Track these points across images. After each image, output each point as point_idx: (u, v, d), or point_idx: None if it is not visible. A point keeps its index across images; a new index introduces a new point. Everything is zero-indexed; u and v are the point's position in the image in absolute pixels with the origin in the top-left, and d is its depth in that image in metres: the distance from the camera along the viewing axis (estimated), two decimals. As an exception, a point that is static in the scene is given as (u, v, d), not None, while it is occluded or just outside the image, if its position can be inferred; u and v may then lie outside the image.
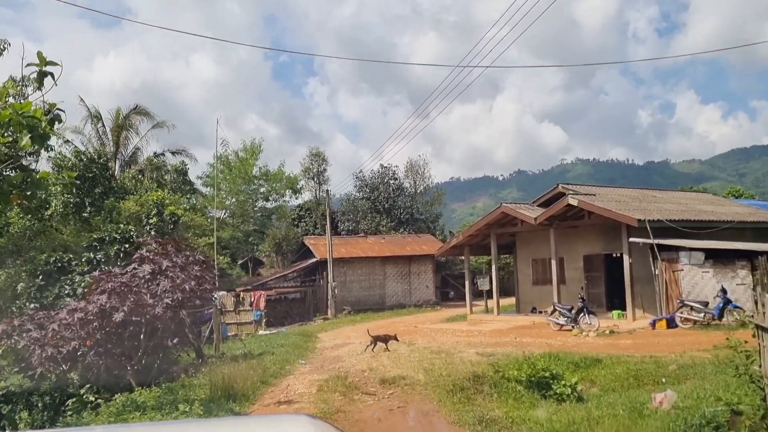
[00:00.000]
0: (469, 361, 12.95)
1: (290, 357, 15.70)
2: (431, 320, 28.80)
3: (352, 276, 36.92)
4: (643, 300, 22.06)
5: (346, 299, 36.37)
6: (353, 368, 13.22)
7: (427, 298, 38.39)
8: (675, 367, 10.04)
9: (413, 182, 49.68)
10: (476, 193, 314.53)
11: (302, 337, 22.23)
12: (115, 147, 37.97)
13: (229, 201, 40.40)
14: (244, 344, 19.89)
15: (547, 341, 17.33)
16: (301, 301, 34.79)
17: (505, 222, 26.14)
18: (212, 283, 14.27)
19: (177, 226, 22.09)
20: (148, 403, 9.70)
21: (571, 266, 24.56)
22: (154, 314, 12.59)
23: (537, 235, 25.85)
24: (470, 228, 26.32)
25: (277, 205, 42.14)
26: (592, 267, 24.28)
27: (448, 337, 20.32)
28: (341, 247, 37.82)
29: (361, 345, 19.06)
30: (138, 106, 38.58)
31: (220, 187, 39.78)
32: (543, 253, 25.90)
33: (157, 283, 13.16)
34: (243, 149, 40.59)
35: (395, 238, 41.42)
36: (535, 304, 26.22)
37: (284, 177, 40.94)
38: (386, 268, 37.76)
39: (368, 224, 45.37)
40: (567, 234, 24.37)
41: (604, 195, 24.48)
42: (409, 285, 38.13)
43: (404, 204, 47.36)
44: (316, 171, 48.60)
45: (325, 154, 48.86)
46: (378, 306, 36.73)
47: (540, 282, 26.25)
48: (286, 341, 20.68)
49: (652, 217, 20.52)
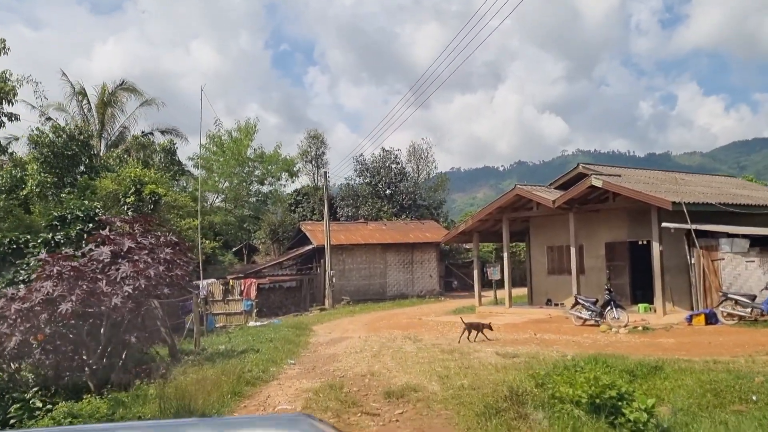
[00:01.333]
0: (490, 364, 10.78)
1: (278, 355, 13.53)
2: (436, 312, 26.65)
3: (351, 264, 34.76)
4: (672, 292, 19.92)
5: (345, 288, 34.23)
6: (351, 372, 11.07)
7: (431, 288, 36.25)
8: (762, 379, 7.90)
9: (416, 167, 47.43)
10: (477, 184, 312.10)
11: (295, 329, 20.08)
12: (101, 125, 35.69)
13: (222, 184, 38.17)
14: (230, 338, 17.74)
15: (573, 339, 15.17)
16: (297, 290, 32.66)
17: (518, 206, 23.93)
18: (185, 269, 12.07)
19: (158, 207, 19.91)
20: (87, 416, 7.57)
21: (592, 254, 22.38)
22: (111, 305, 10.40)
23: (553, 220, 23.66)
24: (480, 212, 24.13)
25: (273, 189, 39.86)
26: (615, 255, 22.10)
27: (456, 331, 18.15)
28: (340, 234, 35.63)
29: (361, 340, 16.95)
30: (125, 82, 36.27)
31: (212, 168, 37.54)
32: (560, 240, 23.72)
33: (117, 268, 10.97)
34: (237, 129, 38.30)
35: (397, 225, 39.22)
36: (550, 295, 24.07)
37: (280, 159, 38.67)
38: (387, 256, 35.60)
39: (369, 210, 43.18)
40: (587, 219, 22.17)
41: (629, 176, 22.26)
42: (411, 274, 35.98)
43: (406, 189, 45.12)
44: (315, 154, 46.34)
45: (323, 137, 46.59)
46: (378, 296, 34.60)
47: (556, 271, 24.08)
48: (276, 334, 18.53)
49: (688, 200, 18.30)
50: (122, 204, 19.62)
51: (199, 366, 11.71)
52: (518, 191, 22.49)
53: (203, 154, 38.00)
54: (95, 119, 35.81)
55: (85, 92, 35.75)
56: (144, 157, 32.27)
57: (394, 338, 17.00)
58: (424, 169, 47.28)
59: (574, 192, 20.61)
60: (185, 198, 22.11)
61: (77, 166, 28.90)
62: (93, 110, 35.89)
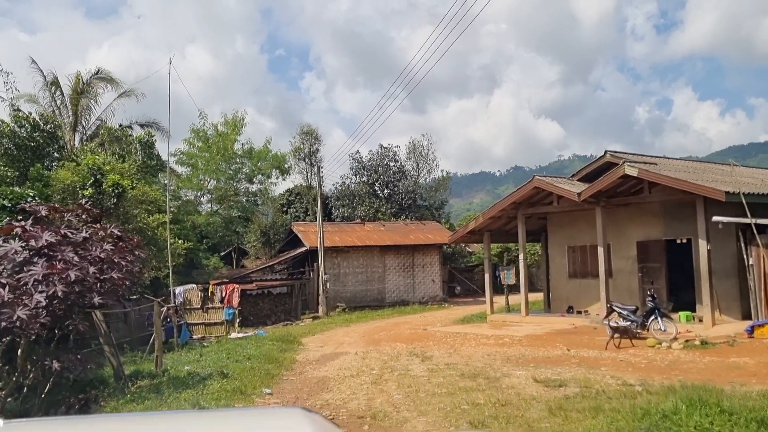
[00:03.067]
0: (533, 398, 7.98)
1: (251, 381, 10.64)
2: (442, 321, 23.84)
3: (347, 268, 31.91)
4: (719, 298, 17.15)
5: (340, 294, 31.38)
6: (344, 409, 8.22)
7: (433, 294, 33.41)
8: None
9: (416, 165, 44.57)
10: (473, 189, 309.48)
11: (281, 343, 17.23)
12: (74, 117, 32.82)
13: (208, 183, 35.32)
14: (201, 354, 14.87)
15: (620, 357, 12.35)
16: (288, 297, 29.79)
17: (535, 201, 21.15)
18: (128, 271, 9.21)
19: (122, 200, 17.09)
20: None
21: (621, 255, 19.59)
22: (15, 319, 7.57)
23: (575, 216, 20.89)
24: (493, 208, 21.34)
25: (263, 188, 36.99)
26: (649, 256, 19.31)
27: (472, 345, 15.35)
28: (334, 235, 32.79)
29: (358, 357, 14.12)
30: (100, 71, 33.41)
31: (197, 165, 34.69)
32: (583, 239, 20.94)
33: (29, 270, 8.13)
34: (223, 123, 35.45)
35: (396, 226, 36.38)
36: (571, 301, 21.27)
37: (270, 155, 35.81)
38: (386, 259, 32.76)
39: (366, 210, 40.33)
40: (615, 214, 19.41)
41: (665, 165, 19.49)
42: (412, 279, 33.13)
43: (406, 189, 42.29)
44: (308, 151, 43.45)
45: (317, 133, 43.72)
46: (376, 303, 31.75)
47: (578, 274, 21.29)
48: (258, 350, 15.67)
49: (746, 190, 15.53)
50: (80, 197, 16.84)
51: (140, 400, 8.84)
52: (537, 183, 19.69)
53: (188, 150, 35.16)
54: (69, 111, 32.98)
55: (58, 82, 32.90)
56: (119, 150, 29.39)
57: (397, 354, 14.18)
58: (425, 168, 44.46)
59: (603, 183, 17.82)
60: (156, 192, 19.28)
61: (43, 158, 26.04)
62: (67, 102, 33.08)
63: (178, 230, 27.04)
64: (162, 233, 17.41)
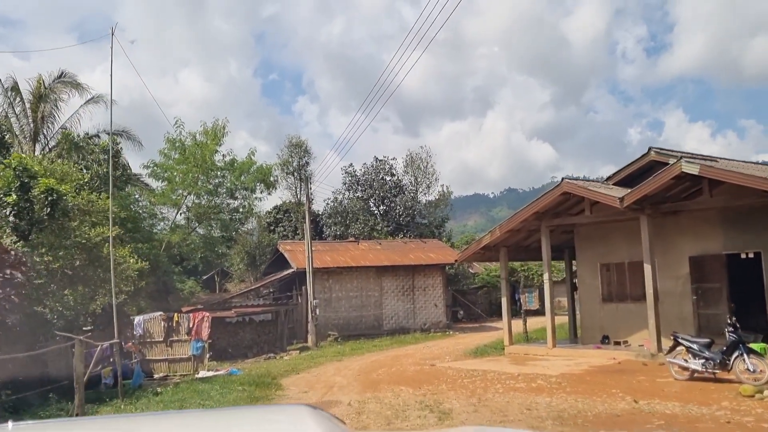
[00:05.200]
0: None
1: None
2: (450, 353, 20.34)
3: (340, 291, 28.40)
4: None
5: (332, 321, 27.83)
6: None
7: (436, 320, 29.89)
8: None
9: (414, 179, 41.24)
10: (467, 211, 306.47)
11: (255, 387, 13.69)
12: (34, 125, 29.46)
13: (184, 197, 31.82)
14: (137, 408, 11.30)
15: (715, 413, 8.88)
16: (273, 325, 26.18)
17: (561, 210, 17.82)
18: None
19: (56, 210, 13.64)
20: None
21: (667, 274, 16.17)
22: None
23: (610, 229, 17.57)
24: (512, 219, 17.95)
25: (246, 204, 33.46)
26: (705, 274, 15.93)
27: (500, 391, 11.87)
28: (325, 255, 29.33)
29: (352, 410, 10.66)
30: (64, 73, 30.14)
31: (173, 179, 31.24)
32: (620, 255, 17.59)
33: None
34: (203, 132, 32.14)
35: (394, 244, 32.92)
36: (606, 330, 17.82)
37: (254, 168, 32.43)
38: (383, 281, 29.28)
39: (360, 228, 36.91)
40: (661, 225, 16.07)
41: (725, 164, 16.16)
42: (412, 303, 29.62)
43: (404, 204, 38.93)
44: (297, 165, 40.09)
45: (307, 145, 40.41)
46: (373, 331, 28.20)
47: (615, 298, 17.87)
48: (224, 398, 12.16)
49: None
50: (4, 205, 13.39)
51: None
52: (566, 187, 16.32)
53: (163, 162, 31.69)
54: (29, 119, 29.60)
55: (17, 87, 29.55)
56: (80, 160, 25.97)
57: (403, 407, 10.68)
58: (424, 182, 41.10)
59: (652, 185, 14.48)
60: (104, 202, 15.80)
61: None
62: (27, 109, 29.71)
63: (145, 249, 23.48)
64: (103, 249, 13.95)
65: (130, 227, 25.40)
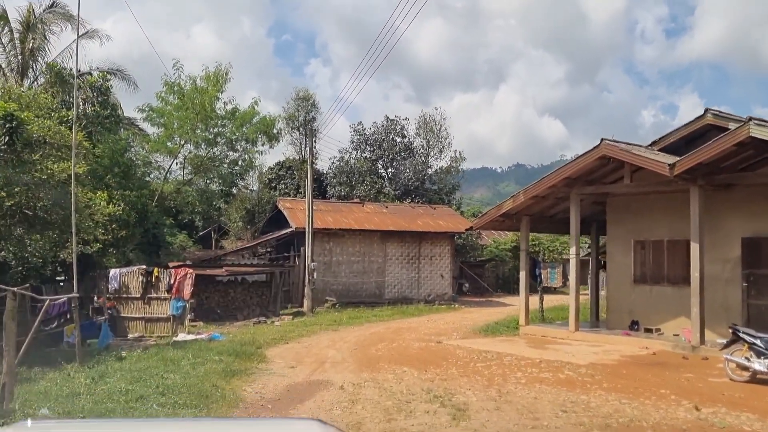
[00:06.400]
0: None
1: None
2: (457, 329, 18.47)
3: (340, 255, 26.48)
4: None
5: (330, 287, 26.00)
6: None
7: (441, 292, 28.00)
8: None
9: (426, 143, 38.91)
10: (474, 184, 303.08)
11: (235, 357, 11.83)
12: (22, 58, 27.28)
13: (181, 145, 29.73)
14: (98, 378, 9.40)
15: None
16: (267, 286, 24.35)
17: (595, 177, 15.72)
18: None
19: (16, 139, 11.65)
20: None
21: (714, 256, 14.06)
22: None
23: (650, 201, 15.50)
24: (538, 184, 15.84)
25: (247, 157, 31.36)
26: (759, 259, 13.86)
27: (522, 382, 9.96)
28: (327, 215, 27.35)
29: (345, 395, 8.80)
30: (56, 3, 27.79)
31: (171, 125, 29.12)
32: (658, 232, 15.54)
33: None
34: (204, 77, 29.90)
35: (402, 208, 30.91)
36: (636, 315, 15.84)
37: (257, 118, 30.25)
38: (388, 247, 27.33)
39: (366, 190, 34.83)
40: (710, 201, 13.93)
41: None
42: (417, 272, 27.70)
43: (414, 168, 36.76)
44: (303, 120, 37.82)
45: (315, 99, 38.09)
46: (374, 299, 26.36)
47: (649, 279, 15.86)
48: (195, 370, 10.28)
49: None
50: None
51: None
52: (605, 150, 14.15)
53: (160, 107, 29.51)
54: (17, 50, 27.40)
55: (6, 16, 27.27)
56: (66, 95, 23.85)
57: (407, 395, 8.78)
58: (437, 146, 38.76)
59: (710, 151, 12.31)
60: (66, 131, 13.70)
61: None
62: (16, 40, 27.48)
63: (132, 197, 21.48)
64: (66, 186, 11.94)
65: (117, 172, 23.46)
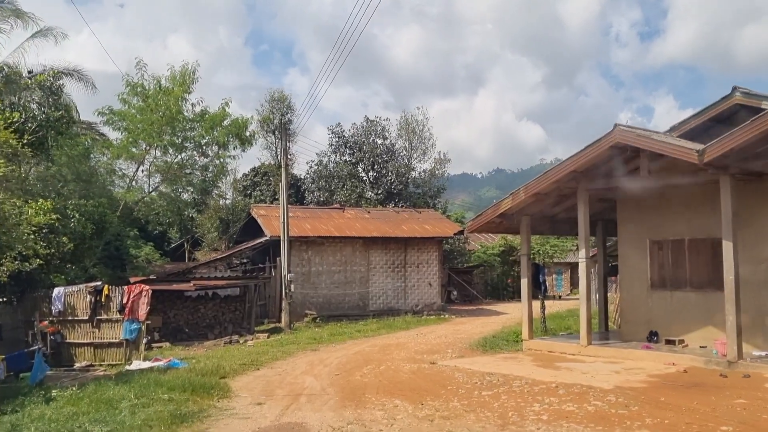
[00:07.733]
0: None
1: None
2: (451, 344, 16.53)
3: (320, 265, 24.45)
4: None
5: (310, 299, 23.96)
6: None
7: (430, 301, 26.07)
8: None
9: (409, 144, 37.04)
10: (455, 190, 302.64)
11: (191, 393, 9.73)
12: (-36, 58, 24.93)
13: (147, 151, 27.49)
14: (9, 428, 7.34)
15: None
16: (241, 301, 22.22)
17: (605, 170, 13.85)
18: None
19: None
20: None
21: (745, 256, 12.21)
22: None
23: (667, 196, 13.71)
24: (541, 178, 13.98)
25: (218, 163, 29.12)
26: (799, 259, 12.09)
27: (541, 417, 8.03)
28: (305, 222, 25.34)
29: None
30: None
31: (134, 129, 26.90)
32: (678, 230, 13.75)
33: None
34: (169, 78, 27.73)
35: (385, 213, 28.96)
36: (655, 325, 14.01)
37: (228, 119, 28.03)
38: (371, 254, 25.36)
39: (347, 195, 32.83)
40: (740, 192, 12.13)
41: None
42: (404, 281, 25.75)
43: (396, 170, 34.85)
44: (279, 122, 35.74)
45: (290, 100, 36.07)
46: (357, 311, 24.36)
47: (669, 284, 14.03)
48: (133, 417, 8.21)
49: None
50: None
51: None
52: (620, 137, 12.32)
53: (122, 110, 27.26)
54: (-41, 50, 25.04)
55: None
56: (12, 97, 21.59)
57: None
58: (419, 147, 36.89)
59: (747, 133, 10.52)
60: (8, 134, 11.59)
61: None
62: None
63: (89, 207, 19.30)
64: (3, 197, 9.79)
65: (73, 179, 21.29)
